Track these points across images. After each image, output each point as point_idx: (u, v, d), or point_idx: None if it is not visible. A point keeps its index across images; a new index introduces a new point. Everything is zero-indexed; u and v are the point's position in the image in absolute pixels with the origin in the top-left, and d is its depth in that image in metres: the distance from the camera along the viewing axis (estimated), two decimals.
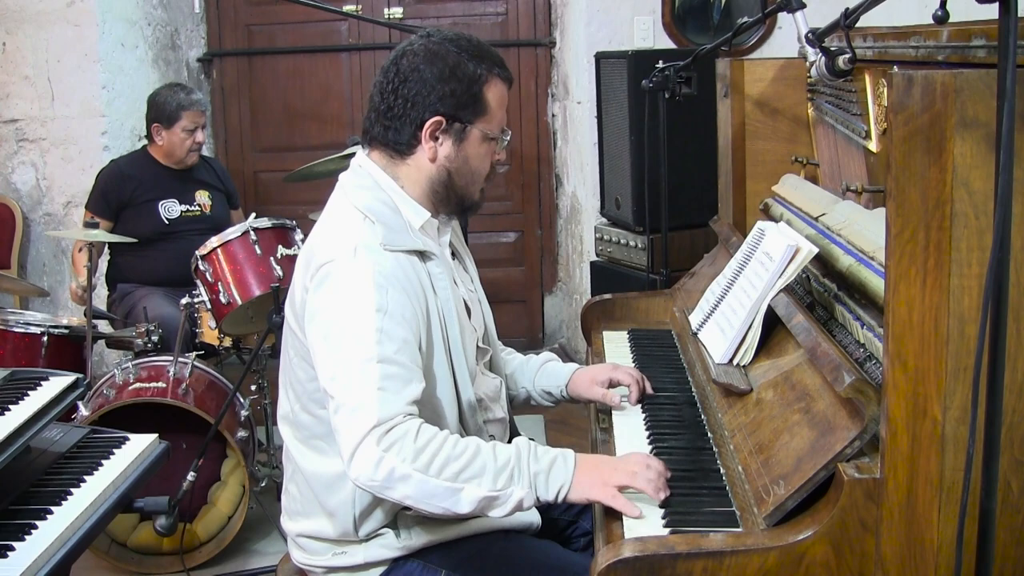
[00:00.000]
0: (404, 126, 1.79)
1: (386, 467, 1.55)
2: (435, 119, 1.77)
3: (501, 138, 1.85)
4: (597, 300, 2.64)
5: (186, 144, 3.75)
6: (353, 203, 1.79)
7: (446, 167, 1.81)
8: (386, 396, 1.59)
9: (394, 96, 1.78)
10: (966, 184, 1.26)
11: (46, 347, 3.14)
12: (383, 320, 1.65)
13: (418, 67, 1.77)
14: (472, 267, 2.04)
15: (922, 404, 1.33)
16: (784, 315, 1.82)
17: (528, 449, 1.65)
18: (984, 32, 1.42)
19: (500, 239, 5.02)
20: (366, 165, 1.85)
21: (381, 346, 1.62)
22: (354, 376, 1.61)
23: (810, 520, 1.41)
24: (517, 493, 1.60)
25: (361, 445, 1.56)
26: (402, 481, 1.56)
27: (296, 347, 1.81)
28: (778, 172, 2.45)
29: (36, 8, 4.40)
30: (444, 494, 1.58)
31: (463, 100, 1.77)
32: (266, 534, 3.24)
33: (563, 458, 1.65)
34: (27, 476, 1.89)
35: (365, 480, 1.58)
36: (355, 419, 1.58)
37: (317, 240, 1.79)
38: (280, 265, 3.19)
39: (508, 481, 1.60)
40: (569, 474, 1.63)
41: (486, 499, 1.59)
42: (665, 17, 4.25)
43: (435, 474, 1.57)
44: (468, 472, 1.58)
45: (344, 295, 1.68)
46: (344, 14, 4.41)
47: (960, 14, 1.33)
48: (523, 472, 1.61)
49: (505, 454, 1.62)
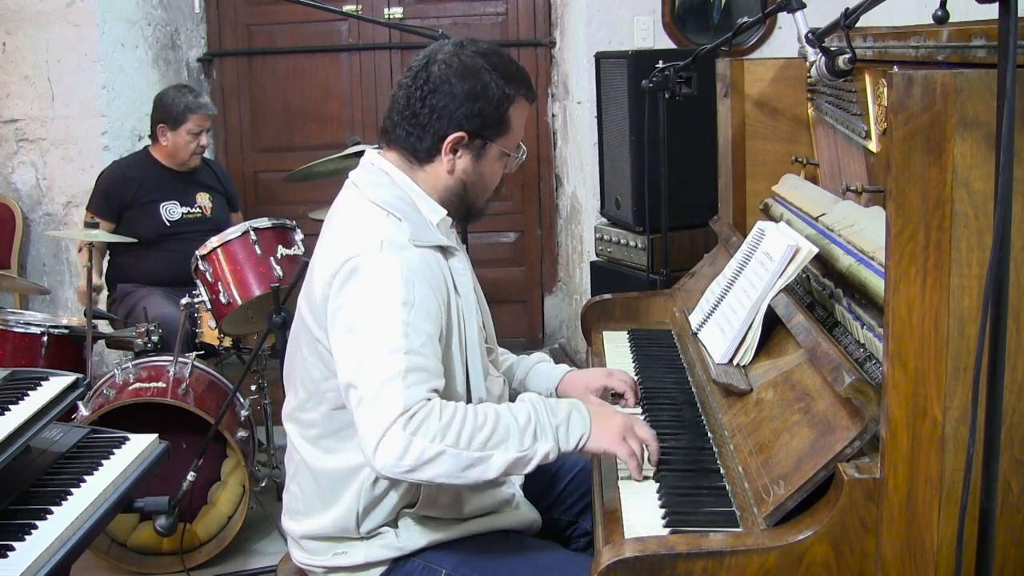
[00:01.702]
0: (427, 135, 1.78)
1: (416, 450, 1.56)
2: (458, 134, 1.77)
3: (515, 155, 1.86)
4: (597, 300, 2.64)
5: (190, 147, 3.75)
6: (371, 199, 1.79)
7: (462, 180, 1.82)
8: (410, 387, 1.60)
9: (421, 104, 1.78)
10: (966, 184, 1.26)
11: (46, 347, 3.14)
12: (410, 314, 1.66)
13: (449, 79, 1.76)
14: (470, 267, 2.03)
15: (922, 404, 1.33)
16: (784, 315, 1.82)
17: (542, 403, 1.69)
18: (984, 32, 1.42)
19: (500, 239, 5.02)
20: (379, 163, 1.85)
21: (408, 339, 1.63)
22: (379, 367, 1.62)
23: (810, 520, 1.41)
24: (543, 448, 1.64)
25: (387, 434, 1.56)
26: (433, 461, 1.57)
27: (312, 346, 1.80)
28: (778, 172, 2.45)
29: (36, 8, 4.40)
30: (475, 464, 1.59)
31: (488, 120, 1.78)
32: (266, 534, 3.24)
33: (577, 410, 1.70)
34: (27, 476, 1.89)
35: (391, 468, 1.57)
36: (380, 409, 1.58)
37: (339, 236, 1.79)
38: (280, 265, 3.19)
39: (533, 439, 1.63)
40: (588, 424, 1.69)
41: (515, 460, 1.62)
42: (665, 17, 4.25)
43: (465, 447, 1.58)
44: (495, 438, 1.61)
45: (371, 289, 1.68)
46: (344, 14, 4.41)
47: (960, 14, 1.33)
48: (545, 427, 1.65)
49: (524, 413, 1.66)
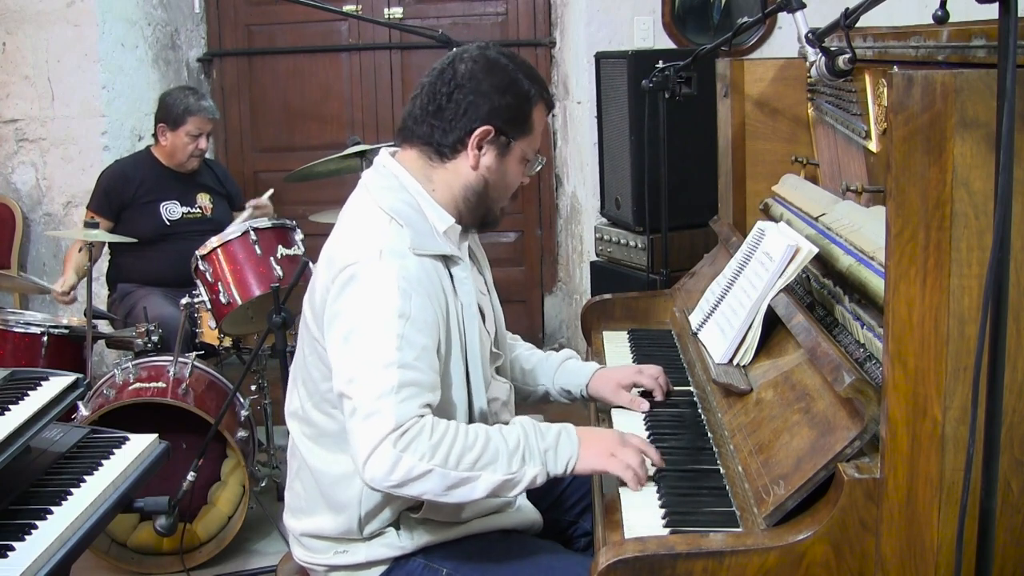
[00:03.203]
0: (453, 129, 1.78)
1: (404, 467, 1.57)
2: (485, 128, 1.77)
3: (533, 162, 1.87)
4: (597, 300, 2.64)
5: (188, 149, 3.74)
6: (378, 204, 1.79)
7: (485, 177, 1.81)
8: (403, 402, 1.60)
9: (447, 99, 1.78)
10: (966, 184, 1.26)
11: (46, 347, 3.14)
12: (405, 326, 1.65)
13: (476, 75, 1.77)
14: (487, 271, 2.02)
15: (922, 404, 1.33)
16: (784, 315, 1.82)
17: (532, 427, 1.69)
18: (984, 32, 1.42)
19: (500, 239, 5.02)
20: (390, 165, 1.84)
21: (401, 352, 1.63)
22: (372, 381, 1.62)
23: (810, 520, 1.41)
24: (530, 472, 1.64)
25: (378, 449, 1.57)
26: (421, 478, 1.58)
27: (312, 346, 1.81)
28: (778, 172, 2.45)
29: (36, 8, 4.40)
30: (461, 483, 1.60)
31: (514, 116, 1.79)
32: (266, 534, 3.24)
33: (566, 432, 1.70)
34: (27, 476, 1.89)
35: (380, 482, 1.59)
36: (371, 424, 1.59)
37: (341, 240, 1.78)
38: (280, 265, 3.19)
39: (521, 462, 1.64)
40: (575, 447, 1.68)
41: (502, 483, 1.63)
42: (665, 17, 4.25)
43: (453, 466, 1.59)
44: (483, 460, 1.61)
45: (367, 299, 1.68)
46: (344, 14, 4.41)
47: (960, 14, 1.33)
48: (533, 451, 1.65)
49: (514, 436, 1.66)
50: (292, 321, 2.75)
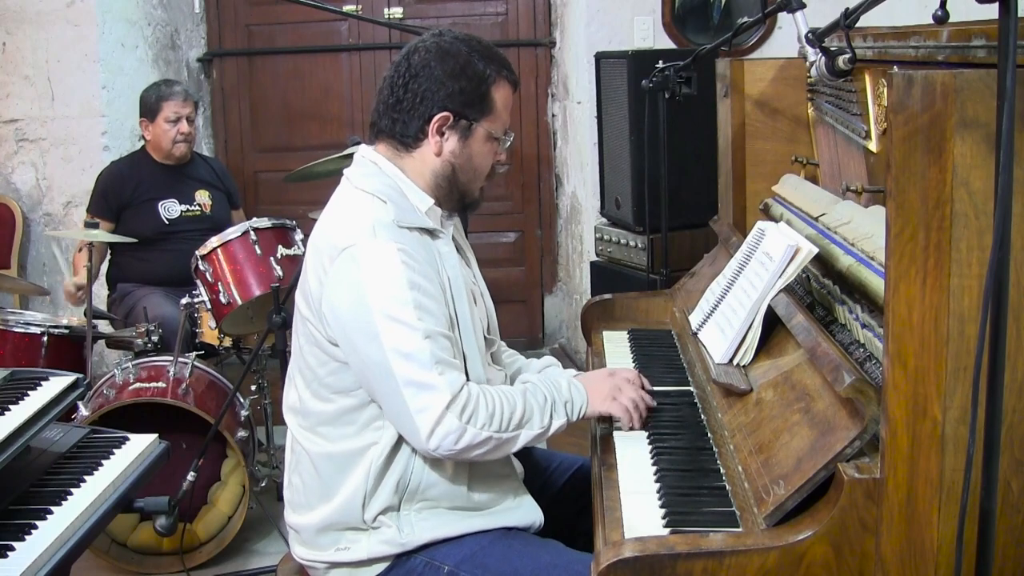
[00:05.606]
0: (412, 119, 1.82)
1: (468, 436, 1.70)
2: (443, 115, 1.81)
3: (504, 139, 1.90)
4: (597, 300, 2.64)
5: (170, 134, 3.74)
6: (361, 188, 1.83)
7: (450, 162, 1.85)
8: (447, 369, 1.70)
9: (404, 90, 1.82)
10: (966, 184, 1.26)
11: (46, 347, 3.14)
12: (418, 296, 1.72)
13: (429, 63, 1.81)
14: (474, 263, 2.05)
15: (922, 404, 1.33)
16: (784, 315, 1.82)
17: (550, 383, 1.85)
18: (984, 32, 1.42)
19: (500, 239, 5.02)
20: (369, 155, 1.89)
21: (423, 321, 1.71)
22: (409, 356, 1.69)
23: (810, 520, 1.41)
24: (556, 423, 1.82)
25: (443, 422, 1.69)
26: (480, 444, 1.72)
27: (307, 334, 1.84)
28: (778, 172, 2.45)
29: (36, 8, 4.40)
30: (507, 443, 1.76)
31: (471, 98, 1.82)
32: (266, 534, 3.24)
33: (574, 384, 1.88)
34: (27, 476, 1.89)
35: (445, 450, 1.71)
36: (427, 397, 1.69)
37: (330, 227, 1.82)
38: (280, 265, 3.19)
39: (551, 416, 1.81)
40: (584, 395, 1.86)
41: (536, 436, 1.80)
42: (665, 17, 4.25)
43: (504, 429, 1.74)
44: (524, 419, 1.77)
45: (375, 277, 1.72)
46: (344, 14, 4.41)
47: (960, 14, 1.33)
48: (557, 404, 1.82)
49: (541, 393, 1.82)
50: (292, 321, 2.74)
